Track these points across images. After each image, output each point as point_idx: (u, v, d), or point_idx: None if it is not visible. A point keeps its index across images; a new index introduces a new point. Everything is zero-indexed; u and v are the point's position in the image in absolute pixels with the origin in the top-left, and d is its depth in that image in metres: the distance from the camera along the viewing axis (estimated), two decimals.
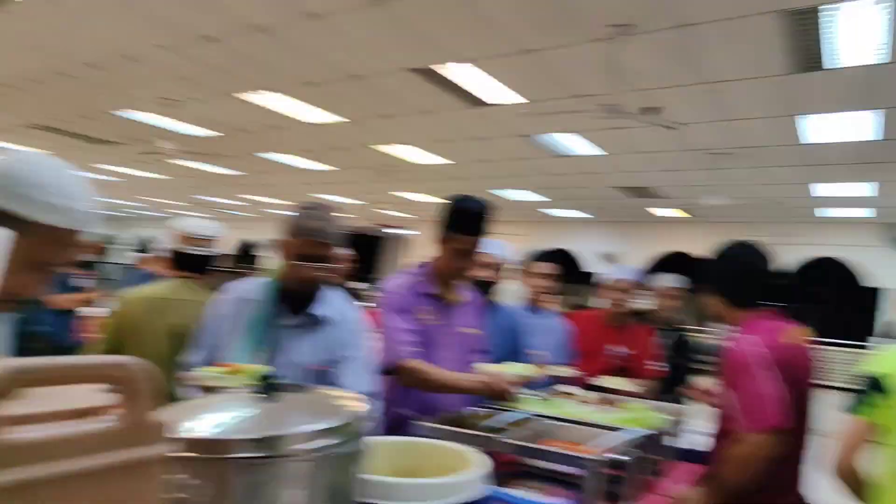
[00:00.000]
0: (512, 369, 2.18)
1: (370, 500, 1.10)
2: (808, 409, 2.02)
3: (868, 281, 11.86)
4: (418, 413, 1.87)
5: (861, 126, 6.13)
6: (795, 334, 2.02)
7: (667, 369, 3.39)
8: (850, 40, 4.34)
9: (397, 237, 17.97)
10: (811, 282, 12.43)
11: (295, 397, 1.03)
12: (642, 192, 10.61)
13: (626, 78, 5.14)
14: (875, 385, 1.85)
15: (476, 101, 6.28)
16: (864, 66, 4.69)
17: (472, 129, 7.36)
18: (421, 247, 17.06)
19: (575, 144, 7.71)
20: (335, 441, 0.93)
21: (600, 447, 1.66)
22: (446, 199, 2.17)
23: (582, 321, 3.31)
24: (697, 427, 2.47)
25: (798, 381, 1.95)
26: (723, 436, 2.05)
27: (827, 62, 4.69)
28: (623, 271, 3.30)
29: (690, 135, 6.84)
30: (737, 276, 2.10)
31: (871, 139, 6.46)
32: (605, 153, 8.01)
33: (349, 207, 15.18)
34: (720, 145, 7.29)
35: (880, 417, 1.84)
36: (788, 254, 13.11)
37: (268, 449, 0.87)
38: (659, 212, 12.68)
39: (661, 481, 2.11)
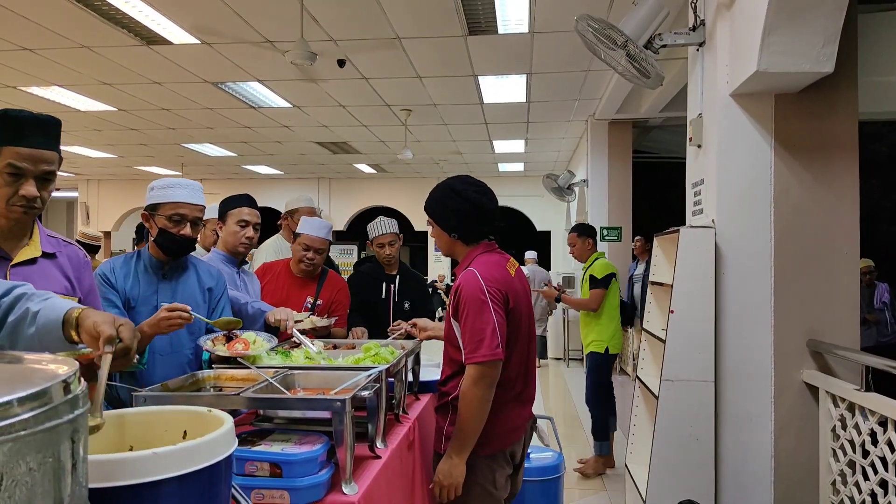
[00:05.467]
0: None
1: (98, 485, 0.84)
2: (527, 331, 2.20)
3: (541, 226, 14.63)
4: None
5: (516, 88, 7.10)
6: (513, 264, 2.22)
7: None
8: (508, 8, 4.91)
9: (64, 200, 15.32)
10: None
11: None
12: (342, 148, 10.76)
13: (311, 27, 5.08)
14: None
15: (150, 39, 5.52)
16: (516, 33, 5.38)
17: (147, 71, 6.48)
18: (95, 211, 14.83)
19: (269, 95, 7.38)
20: (30, 415, 0.67)
21: (345, 388, 1.61)
22: None
23: (273, 272, 3.16)
24: (433, 360, 2.58)
25: (517, 308, 2.11)
26: (449, 365, 2.17)
27: (501, 27, 5.27)
28: (312, 227, 3.11)
29: (380, 90, 7.11)
30: (463, 214, 2.13)
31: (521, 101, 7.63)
32: (296, 105, 7.85)
33: None
34: (408, 102, 7.71)
35: None
36: None
37: None
38: (360, 167, 13.04)
39: (406, 415, 2.16)
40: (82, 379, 0.78)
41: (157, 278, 2.10)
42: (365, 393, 1.56)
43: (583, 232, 4.89)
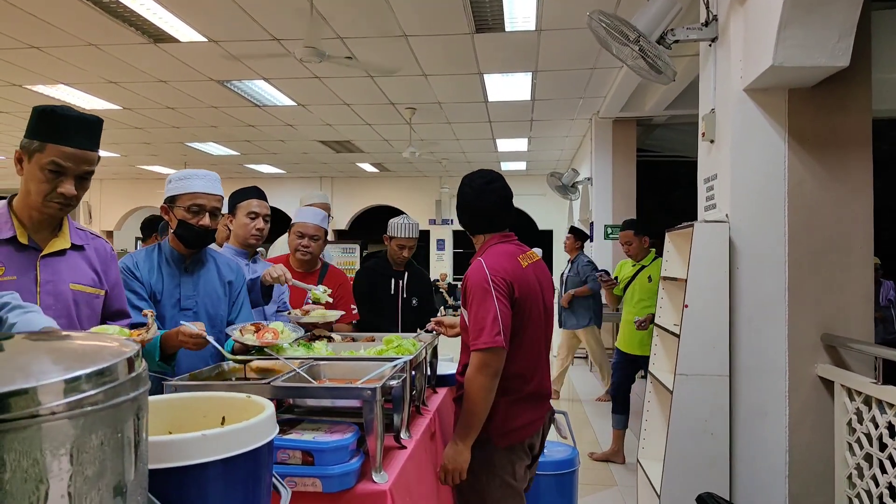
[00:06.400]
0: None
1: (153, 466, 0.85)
2: (540, 324, 2.21)
3: (543, 225, 14.58)
4: None
5: (521, 86, 7.10)
6: (529, 256, 2.22)
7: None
8: (515, 6, 4.91)
9: None
10: None
11: (22, 343, 0.72)
12: (345, 147, 10.76)
13: (319, 24, 5.08)
14: None
15: (158, 37, 5.51)
16: (523, 31, 5.39)
17: (153, 70, 6.48)
18: (97, 210, 14.83)
19: (274, 94, 7.38)
20: (98, 391, 0.67)
21: (371, 378, 1.61)
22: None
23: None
24: (447, 354, 2.60)
25: (526, 299, 2.12)
26: (466, 353, 2.18)
27: (508, 25, 5.27)
28: (305, 215, 3.07)
29: (385, 88, 7.11)
30: (465, 210, 2.27)
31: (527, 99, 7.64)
32: (301, 104, 7.84)
33: None
34: (413, 100, 7.70)
35: None
36: None
37: None
38: (362, 166, 13.03)
39: (426, 407, 2.17)
40: (144, 360, 0.79)
41: (179, 272, 2.10)
42: (394, 382, 1.57)
43: (640, 230, 4.70)
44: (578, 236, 6.55)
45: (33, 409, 0.60)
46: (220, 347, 1.77)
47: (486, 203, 2.21)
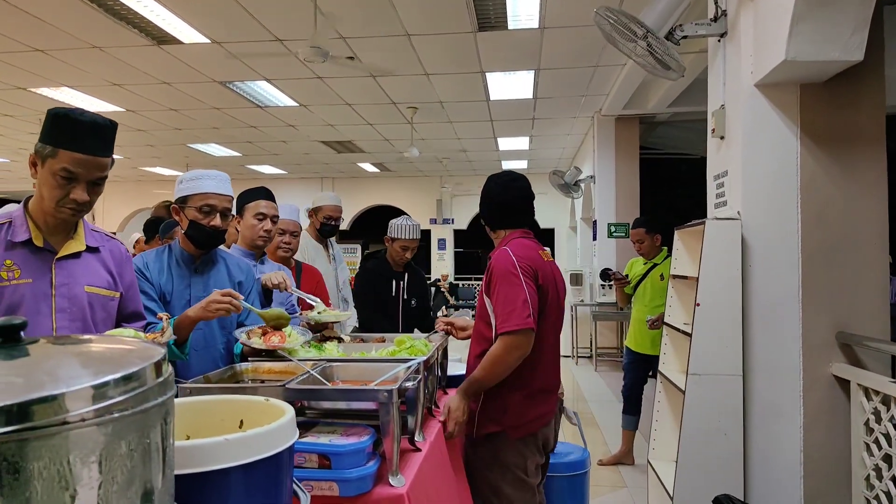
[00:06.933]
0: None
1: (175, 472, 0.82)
2: (555, 320, 2.27)
3: (545, 223, 14.41)
4: None
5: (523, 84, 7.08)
6: (546, 254, 2.25)
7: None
8: (519, 3, 4.88)
9: None
10: None
11: (48, 348, 0.69)
12: (347, 147, 10.73)
13: (322, 24, 5.06)
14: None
15: (161, 39, 5.49)
16: (526, 29, 5.37)
17: (156, 72, 6.45)
18: (100, 213, 14.82)
19: (276, 95, 7.36)
20: (123, 398, 0.64)
21: (385, 380, 1.59)
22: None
23: None
24: (455, 355, 2.60)
25: (546, 288, 2.19)
26: (479, 342, 2.22)
27: (511, 23, 5.24)
28: (282, 211, 3.03)
29: (387, 87, 7.08)
30: (488, 204, 2.38)
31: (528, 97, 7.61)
32: (303, 104, 7.82)
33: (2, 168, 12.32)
34: (415, 99, 7.67)
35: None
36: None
37: (23, 418, 0.55)
38: (363, 166, 12.99)
39: (438, 408, 2.15)
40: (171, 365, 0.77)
41: (189, 272, 2.08)
42: (410, 384, 1.55)
43: (652, 227, 4.54)
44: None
45: (62, 415, 0.57)
46: (252, 308, 1.79)
47: (509, 197, 2.34)
